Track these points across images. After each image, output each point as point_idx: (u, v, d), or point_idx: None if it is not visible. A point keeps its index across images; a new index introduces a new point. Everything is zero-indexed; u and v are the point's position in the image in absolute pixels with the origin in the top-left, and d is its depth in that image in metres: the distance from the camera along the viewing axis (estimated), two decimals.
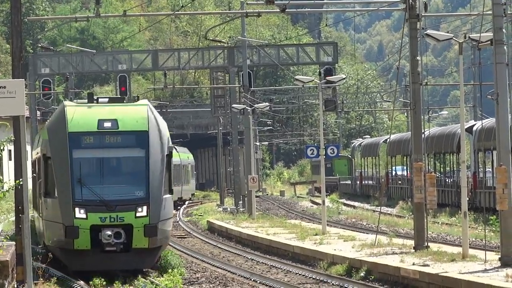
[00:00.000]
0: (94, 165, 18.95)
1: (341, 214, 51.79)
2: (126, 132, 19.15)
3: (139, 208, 18.37)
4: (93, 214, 18.21)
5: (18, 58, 18.03)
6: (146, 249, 18.85)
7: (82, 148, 18.82)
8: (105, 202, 18.28)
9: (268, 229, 37.60)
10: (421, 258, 21.96)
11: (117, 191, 18.59)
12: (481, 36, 22.95)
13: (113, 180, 18.95)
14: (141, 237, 18.44)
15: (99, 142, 18.85)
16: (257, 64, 65.45)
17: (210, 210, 58.65)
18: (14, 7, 18.24)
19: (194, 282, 21.98)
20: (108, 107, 20.20)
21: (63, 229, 18.16)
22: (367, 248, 25.59)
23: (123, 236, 18.26)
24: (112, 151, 19.02)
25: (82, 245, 18.24)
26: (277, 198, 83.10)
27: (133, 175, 19.10)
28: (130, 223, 18.33)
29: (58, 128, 19.31)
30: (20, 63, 18.19)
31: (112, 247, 18.19)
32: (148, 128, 19.17)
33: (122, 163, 19.29)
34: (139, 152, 18.93)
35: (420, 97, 26.80)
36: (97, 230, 18.23)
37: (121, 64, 61.10)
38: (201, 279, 22.95)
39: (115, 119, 19.13)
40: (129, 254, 18.66)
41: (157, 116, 19.97)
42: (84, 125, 19.01)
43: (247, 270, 25.84)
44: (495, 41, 20.24)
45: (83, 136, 18.92)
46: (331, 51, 62.20)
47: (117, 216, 18.21)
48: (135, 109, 20.27)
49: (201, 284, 21.62)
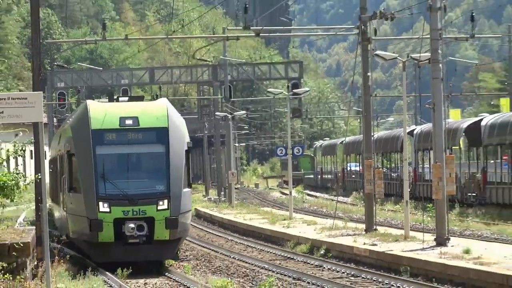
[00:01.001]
0: (116, 161, 17.44)
1: (305, 203, 51.85)
2: (147, 129, 17.60)
3: (160, 201, 16.83)
4: (116, 207, 16.68)
5: (38, 74, 17.60)
6: (167, 241, 17.29)
7: (105, 145, 17.27)
8: (127, 196, 16.80)
9: (245, 215, 37.74)
10: (371, 239, 22.13)
11: (139, 185, 17.12)
12: (420, 56, 23.35)
13: (135, 175, 17.51)
14: (163, 229, 16.89)
15: (121, 138, 17.30)
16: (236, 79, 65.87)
17: (197, 199, 58.38)
18: (34, 32, 17.90)
19: (184, 259, 21.67)
20: (128, 105, 18.83)
21: (88, 223, 16.68)
22: (326, 230, 25.67)
23: (145, 228, 16.67)
24: (134, 147, 17.48)
25: (106, 237, 16.71)
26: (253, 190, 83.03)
27: (154, 170, 17.60)
28: (152, 216, 16.81)
29: (81, 125, 17.82)
30: (39, 78, 17.85)
31: (135, 239, 16.63)
32: (168, 124, 17.62)
33: (143, 159, 17.76)
34: (159, 148, 17.38)
35: (370, 106, 26.99)
36: (120, 223, 16.68)
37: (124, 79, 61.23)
38: (190, 256, 22.98)
39: (136, 117, 17.60)
40: (151, 246, 17.05)
41: (175, 113, 18.59)
42: (106, 123, 17.45)
43: (228, 249, 25.85)
44: (432, 60, 20.54)
45: (105, 133, 17.37)
46: (297, 68, 62.88)
47: (139, 209, 16.69)
48: (155, 107, 18.69)
49: (190, 260, 21.32)
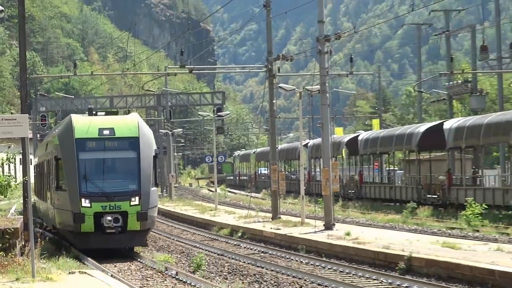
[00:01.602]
0: (96, 164, 16.23)
1: (227, 198, 51.33)
2: (121, 138, 16.45)
3: (132, 198, 15.80)
4: (96, 203, 15.56)
5: (25, 101, 16.55)
6: (138, 231, 16.13)
7: (86, 151, 16.09)
8: (105, 194, 15.75)
9: (181, 207, 37.15)
10: (276, 224, 22.09)
11: (114, 185, 15.94)
12: (312, 88, 23.65)
13: (111, 176, 16.28)
14: (135, 221, 15.76)
15: (99, 146, 16.14)
16: (175, 105, 65.38)
17: None
18: (22, 70, 16.64)
19: None
20: (106, 118, 17.46)
21: (72, 216, 15.61)
22: (243, 218, 25.43)
23: (120, 220, 15.58)
24: (110, 153, 16.27)
25: (87, 228, 15.57)
26: (187, 188, 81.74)
27: (127, 172, 16.31)
28: (126, 210, 15.72)
29: (67, 135, 16.59)
30: (26, 104, 16.74)
31: (112, 230, 15.55)
32: (139, 134, 16.45)
33: (118, 163, 16.52)
34: (132, 154, 16.24)
35: (275, 125, 27.02)
36: (99, 216, 15.56)
37: (90, 105, 59.84)
38: None
39: (112, 128, 16.42)
40: (125, 235, 15.94)
41: (145, 125, 17.41)
42: (87, 132, 16.25)
43: (168, 232, 25.38)
44: (321, 91, 20.86)
45: (87, 141, 16.19)
46: (220, 96, 63.24)
47: (115, 204, 15.59)
48: (128, 120, 17.30)
49: None
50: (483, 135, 26.51)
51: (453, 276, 11.55)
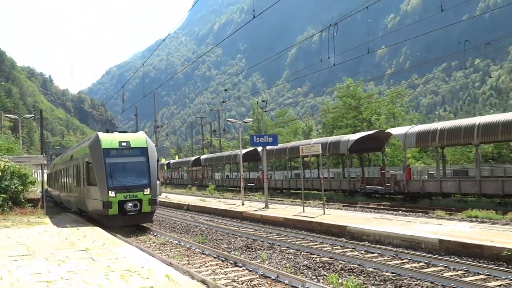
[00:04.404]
0: (118, 166, 20.08)
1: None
2: (135, 148, 20.58)
3: (145, 189, 19.91)
4: (119, 194, 19.55)
5: (42, 149, 26.77)
6: (149, 212, 20.26)
7: (110, 157, 20.09)
8: (126, 187, 19.69)
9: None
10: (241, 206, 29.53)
11: (132, 180, 19.94)
12: (247, 120, 31.20)
13: (129, 174, 20.15)
14: (147, 205, 19.99)
15: (120, 153, 20.33)
16: None
17: None
18: (41, 141, 26.19)
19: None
20: (122, 134, 21.43)
21: (102, 204, 19.47)
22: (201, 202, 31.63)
23: (138, 206, 19.79)
24: (128, 158, 20.41)
25: (113, 212, 19.51)
26: None
27: (140, 171, 20.24)
28: (141, 198, 19.84)
29: (95, 146, 20.40)
30: (43, 150, 26.60)
31: (132, 213, 19.70)
32: (147, 145, 20.71)
33: (134, 165, 20.37)
34: (143, 158, 20.45)
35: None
36: (122, 203, 19.57)
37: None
38: None
39: (128, 141, 20.68)
40: (140, 216, 20.04)
41: (149, 140, 21.38)
42: (111, 144, 20.37)
43: None
44: None
45: (111, 150, 20.21)
46: None
47: (133, 194, 19.73)
48: (138, 135, 21.52)
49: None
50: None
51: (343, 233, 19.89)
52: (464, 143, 27.32)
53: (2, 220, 22.62)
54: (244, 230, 20.05)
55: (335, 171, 45.80)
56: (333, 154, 38.49)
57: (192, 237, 18.64)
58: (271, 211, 24.15)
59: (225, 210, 27.47)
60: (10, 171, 26.95)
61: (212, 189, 50.61)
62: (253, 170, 64.34)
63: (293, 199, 35.62)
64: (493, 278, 10.15)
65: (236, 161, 52.77)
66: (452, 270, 11.07)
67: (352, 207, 27.21)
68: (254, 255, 14.07)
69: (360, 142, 35.79)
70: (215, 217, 26.86)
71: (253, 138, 27.28)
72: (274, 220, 21.72)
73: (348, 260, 12.50)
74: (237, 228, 20.93)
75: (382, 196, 32.51)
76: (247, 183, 51.18)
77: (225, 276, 11.18)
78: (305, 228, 19.16)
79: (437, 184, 28.04)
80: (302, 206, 25.47)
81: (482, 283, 9.61)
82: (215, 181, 61.87)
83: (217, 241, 17.19)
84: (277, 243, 15.94)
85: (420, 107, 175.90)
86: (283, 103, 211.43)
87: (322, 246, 15.15)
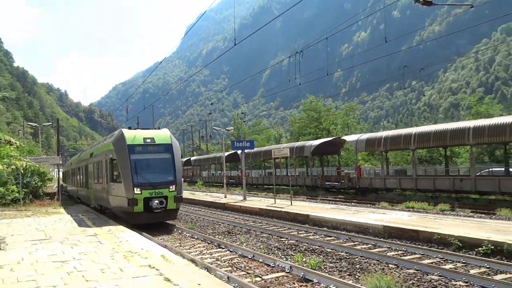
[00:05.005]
0: (143, 163, 16.55)
1: None
2: (160, 144, 17.05)
3: (170, 186, 16.39)
4: (145, 191, 15.95)
5: (58, 151, 25.69)
6: (173, 209, 16.68)
7: (135, 153, 16.53)
8: (152, 184, 16.13)
9: None
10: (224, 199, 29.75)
11: (157, 177, 16.40)
12: (228, 129, 31.03)
13: (154, 171, 16.59)
14: (172, 202, 16.38)
15: (144, 150, 16.76)
16: None
17: None
18: (58, 144, 25.41)
19: None
20: (146, 131, 17.70)
21: (127, 201, 15.84)
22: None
23: (164, 203, 16.17)
24: (153, 154, 16.83)
25: (138, 209, 15.89)
26: None
27: (166, 168, 16.73)
28: (166, 195, 16.25)
29: (120, 142, 16.80)
30: (59, 151, 25.80)
31: (158, 210, 16.09)
32: (171, 142, 17.20)
33: (159, 162, 16.81)
34: (168, 155, 16.91)
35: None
36: (148, 200, 15.98)
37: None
38: None
39: (152, 137, 17.10)
40: (165, 213, 16.39)
41: (173, 136, 17.76)
42: (135, 140, 16.83)
43: None
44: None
45: (135, 147, 16.69)
46: None
47: (159, 191, 16.15)
48: (162, 132, 17.72)
49: None
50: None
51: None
52: (403, 148, 27.61)
53: (24, 211, 22.07)
54: (226, 218, 19.95)
55: (300, 170, 45.91)
56: (299, 156, 38.59)
57: (183, 224, 18.46)
58: (249, 203, 24.10)
59: (210, 202, 27.30)
60: (31, 170, 26.43)
61: (200, 184, 50.33)
62: (234, 169, 64.15)
63: (266, 193, 35.60)
64: (427, 257, 10.30)
65: (220, 161, 52.48)
66: (394, 250, 11.19)
67: (314, 200, 27.31)
68: (235, 239, 14.02)
69: (320, 147, 35.79)
70: (203, 207, 26.67)
71: (234, 143, 27.19)
72: (251, 210, 21.66)
73: (310, 243, 12.54)
74: (221, 216, 20.81)
75: (338, 191, 32.48)
76: (229, 180, 51.00)
77: (211, 256, 11.11)
78: (276, 216, 19.15)
79: (382, 181, 28.28)
80: (273, 198, 25.48)
81: (418, 261, 9.74)
82: (203, 178, 61.47)
83: (204, 227, 17.09)
84: (253, 228, 15.91)
85: (368, 119, 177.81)
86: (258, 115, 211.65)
87: (290, 231, 15.17)
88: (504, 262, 9.05)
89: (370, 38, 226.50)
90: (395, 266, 9.43)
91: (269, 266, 9.68)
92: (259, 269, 9.48)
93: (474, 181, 22.20)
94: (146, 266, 8.20)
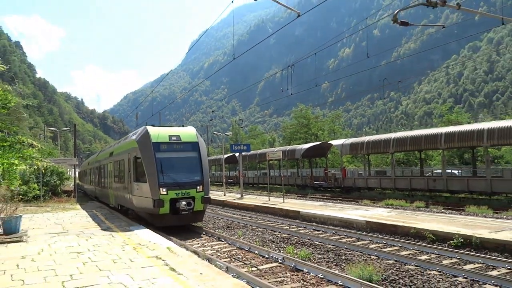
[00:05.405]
0: (169, 161, 14.14)
1: None
2: (186, 142, 14.63)
3: (198, 186, 14.08)
4: (171, 191, 13.64)
5: (75, 153, 25.27)
6: (201, 211, 14.37)
7: (161, 151, 14.15)
8: (178, 184, 13.82)
9: None
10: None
11: (184, 177, 14.05)
12: (226, 134, 30.80)
13: (181, 170, 14.21)
14: (200, 203, 14.06)
15: (170, 148, 14.38)
16: None
17: None
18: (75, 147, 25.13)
19: None
20: (171, 128, 15.17)
21: (152, 202, 13.55)
22: None
23: (192, 204, 13.85)
24: (179, 153, 14.44)
25: (164, 211, 13.58)
26: None
27: (192, 167, 14.36)
28: (194, 196, 13.94)
29: (144, 140, 14.34)
30: (76, 154, 25.29)
31: (185, 211, 13.77)
32: (198, 140, 14.87)
33: (185, 161, 14.42)
34: (194, 154, 14.58)
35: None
36: (174, 201, 13.68)
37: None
38: None
39: (178, 135, 14.66)
40: (192, 214, 14.06)
41: (199, 134, 15.35)
42: (161, 138, 14.40)
43: None
44: None
45: (161, 144, 14.28)
46: None
47: (186, 192, 13.81)
48: (188, 129, 15.25)
49: None
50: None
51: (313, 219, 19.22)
52: (383, 151, 27.65)
53: (44, 207, 21.91)
54: (225, 214, 19.85)
55: (291, 171, 45.76)
56: (290, 158, 38.51)
57: None
58: (245, 200, 23.99)
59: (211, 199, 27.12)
60: (51, 170, 26.19)
61: None
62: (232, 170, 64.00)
63: (261, 191, 35.48)
64: (404, 249, 10.28)
65: (220, 163, 52.32)
66: (375, 243, 11.16)
67: (304, 197, 27.24)
68: (233, 233, 13.94)
69: (309, 150, 35.66)
70: None
71: (232, 146, 27.07)
72: (248, 206, 21.55)
73: (301, 236, 12.48)
74: (220, 212, 20.70)
75: (325, 189, 32.30)
76: (228, 179, 50.94)
77: (211, 248, 11.04)
78: (270, 212, 19.05)
79: (364, 181, 28.24)
80: (268, 196, 25.37)
81: (397, 252, 9.72)
82: None
83: (205, 222, 16.99)
84: (250, 223, 15.83)
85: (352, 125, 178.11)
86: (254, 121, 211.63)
87: (282, 225, 15.10)
88: (472, 254, 9.05)
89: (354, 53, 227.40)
90: (376, 257, 9.40)
91: (264, 257, 9.62)
92: (255, 260, 9.42)
93: (446, 181, 22.24)
94: (154, 257, 8.13)
